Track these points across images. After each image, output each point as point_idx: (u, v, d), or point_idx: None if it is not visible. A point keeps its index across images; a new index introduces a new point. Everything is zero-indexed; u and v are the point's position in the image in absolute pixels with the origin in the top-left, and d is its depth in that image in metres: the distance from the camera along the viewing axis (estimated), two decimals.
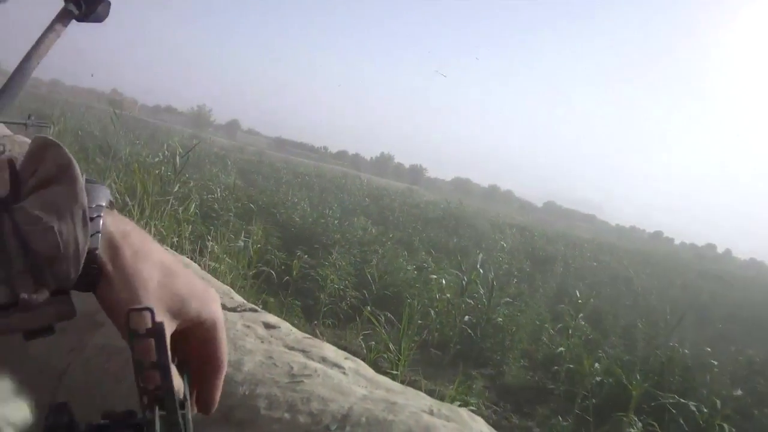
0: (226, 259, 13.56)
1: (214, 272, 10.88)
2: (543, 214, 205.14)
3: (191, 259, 8.97)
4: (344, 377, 1.89)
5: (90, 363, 2.30)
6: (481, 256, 22.75)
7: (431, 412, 1.65)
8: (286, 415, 1.62)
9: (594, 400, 15.00)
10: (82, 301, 0.85)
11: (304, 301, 18.06)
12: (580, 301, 20.50)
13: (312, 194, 43.52)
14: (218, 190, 25.24)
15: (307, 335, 2.27)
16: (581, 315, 19.99)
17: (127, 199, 11.82)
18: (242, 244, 16.23)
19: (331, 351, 2.14)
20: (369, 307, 17.07)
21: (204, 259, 11.88)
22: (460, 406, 7.63)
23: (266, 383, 1.76)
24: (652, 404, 14.49)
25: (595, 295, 28.11)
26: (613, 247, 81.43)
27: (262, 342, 2.08)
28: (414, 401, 1.73)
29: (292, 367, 1.86)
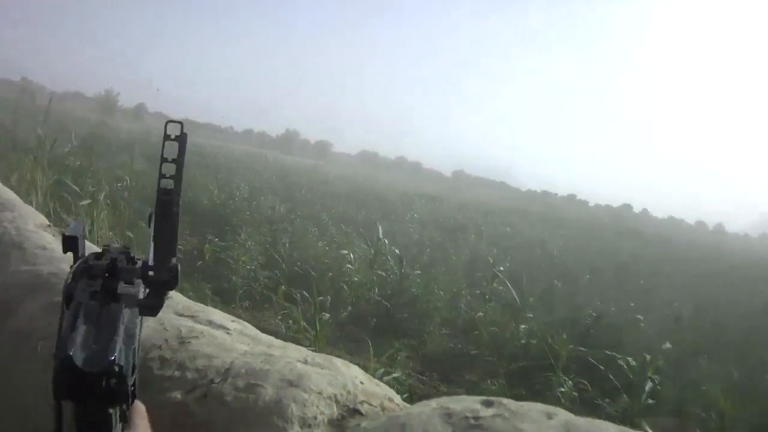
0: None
1: None
2: (453, 183, 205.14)
3: None
4: (228, 337, 2.01)
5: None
6: (380, 227, 22.70)
7: (305, 362, 1.77)
8: (176, 373, 1.73)
9: (521, 363, 15.19)
10: None
11: (218, 284, 17.90)
12: (493, 267, 20.65)
13: (219, 176, 43.28)
14: (128, 178, 24.97)
15: (197, 303, 2.38)
16: (497, 279, 20.12)
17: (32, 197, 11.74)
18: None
19: (218, 315, 2.26)
20: (283, 287, 17.12)
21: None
22: (383, 377, 7.73)
23: (158, 347, 1.88)
24: (581, 363, 14.71)
25: (509, 260, 28.41)
26: (525, 211, 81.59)
27: None
28: (291, 353, 1.86)
29: (181, 331, 1.97)
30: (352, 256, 20.80)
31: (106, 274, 1.47)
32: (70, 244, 1.51)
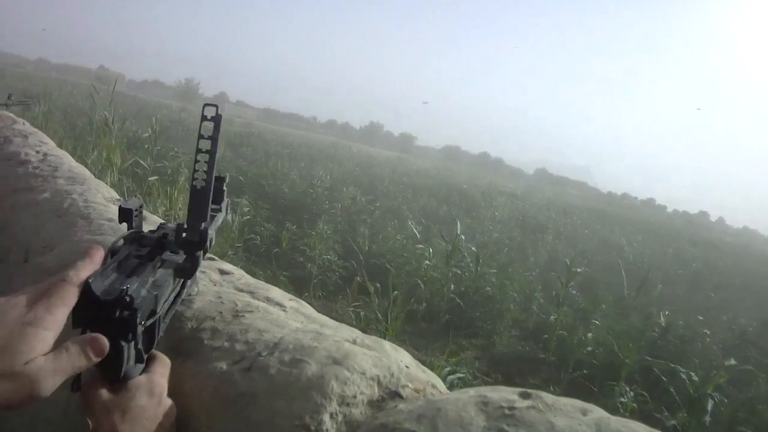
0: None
1: None
2: (534, 181, 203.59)
3: None
4: (283, 313, 2.05)
5: None
6: (459, 223, 22.57)
7: (354, 342, 1.80)
8: (226, 344, 1.78)
9: (585, 370, 15.10)
10: None
11: (293, 272, 18.05)
12: (571, 269, 20.55)
13: (301, 165, 43.28)
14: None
15: (259, 281, 2.43)
16: (572, 283, 19.95)
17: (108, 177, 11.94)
18: (229, 218, 16.35)
19: (277, 293, 2.30)
20: (358, 278, 17.16)
21: None
22: (449, 375, 7.75)
23: (212, 318, 1.93)
24: (644, 374, 14.56)
25: (586, 263, 28.20)
26: (604, 214, 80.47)
27: (215, 285, 2.24)
28: (342, 333, 1.89)
29: (236, 305, 2.02)
30: (430, 251, 20.71)
31: (156, 244, 1.70)
32: (125, 215, 1.70)
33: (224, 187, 2.08)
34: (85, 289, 1.32)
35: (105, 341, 1.32)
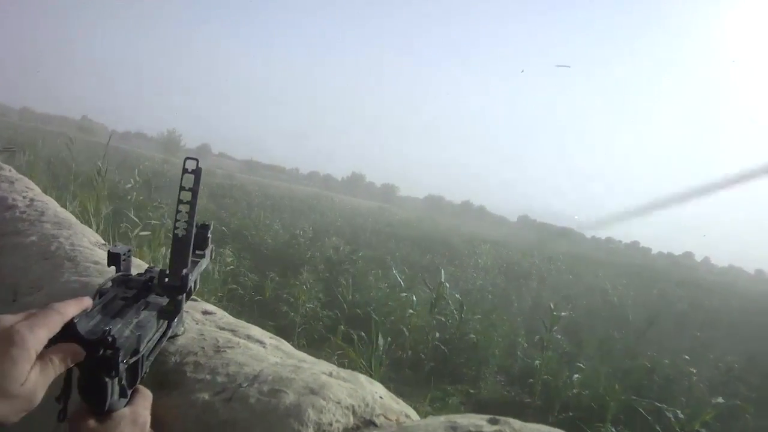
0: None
1: None
2: (517, 229, 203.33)
3: None
4: (263, 349, 2.15)
5: None
6: (443, 271, 22.60)
7: (330, 374, 1.90)
8: (207, 377, 1.88)
9: (571, 413, 15.13)
10: None
11: (278, 321, 17.98)
12: (554, 313, 20.52)
13: (284, 216, 43.48)
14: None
15: (240, 320, 2.53)
16: (556, 328, 19.93)
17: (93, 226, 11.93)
18: (211, 268, 16.38)
19: (257, 331, 2.40)
20: (342, 327, 17.21)
21: None
22: None
23: (195, 353, 2.02)
24: (630, 414, 14.59)
25: (570, 307, 28.20)
26: (589, 259, 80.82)
27: (197, 323, 2.34)
28: (319, 367, 1.99)
29: (218, 341, 2.12)
30: (414, 299, 20.72)
31: (142, 287, 1.84)
32: (113, 259, 1.87)
33: (209, 234, 2.19)
34: (71, 328, 1.41)
35: (80, 349, 1.42)
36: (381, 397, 1.83)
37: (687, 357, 21.07)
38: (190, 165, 1.75)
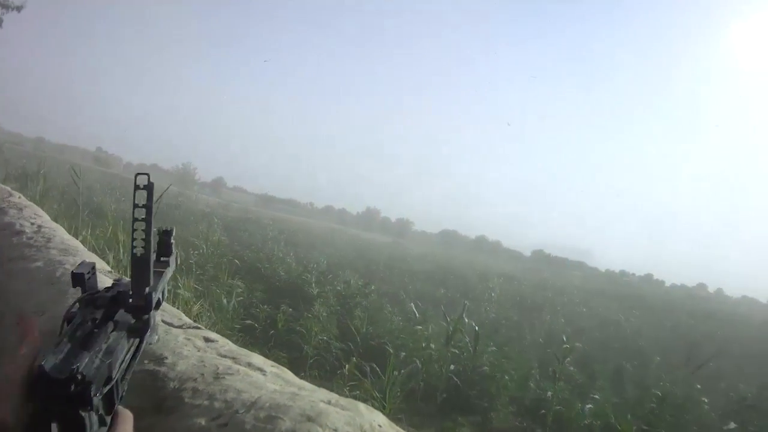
0: (210, 314, 13.73)
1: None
2: (532, 263, 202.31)
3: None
4: (263, 377, 2.15)
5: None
6: (466, 304, 22.59)
7: (329, 402, 1.90)
8: (205, 402, 1.88)
9: None
10: None
11: (290, 353, 17.97)
12: (566, 345, 20.39)
13: (298, 249, 43.49)
14: (204, 246, 25.45)
15: (241, 348, 2.53)
16: (568, 359, 19.86)
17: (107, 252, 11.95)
18: (225, 300, 16.46)
19: (258, 359, 2.40)
20: (354, 359, 17.18)
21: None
22: None
23: (194, 379, 2.03)
24: None
25: (583, 339, 28.12)
26: (603, 292, 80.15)
27: (198, 351, 2.34)
28: (318, 395, 1.99)
29: (218, 368, 2.12)
30: (429, 330, 20.71)
31: (110, 303, 1.70)
32: (77, 280, 1.71)
33: (171, 240, 2.10)
34: (39, 370, 1.35)
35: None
36: (380, 426, 1.84)
37: (699, 386, 21.01)
38: (142, 180, 1.66)
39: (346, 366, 16.80)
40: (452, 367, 19.04)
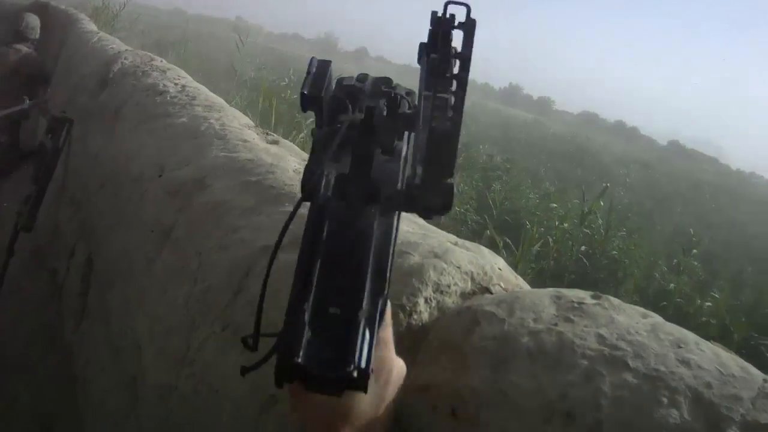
0: None
1: None
2: (666, 153, 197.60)
3: None
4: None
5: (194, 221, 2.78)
6: (607, 185, 22.21)
7: (455, 243, 2.07)
8: None
9: None
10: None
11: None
12: (694, 238, 20.22)
13: None
14: None
15: None
16: (694, 252, 19.71)
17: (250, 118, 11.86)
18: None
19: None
20: (488, 232, 17.22)
21: None
22: None
23: None
24: (752, 350, 14.28)
25: (709, 236, 27.72)
26: (732, 191, 77.65)
27: None
28: (446, 237, 2.16)
29: None
30: (563, 210, 20.64)
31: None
32: (309, 101, 1.35)
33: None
34: (296, 368, 0.86)
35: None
36: (500, 269, 2.03)
37: None
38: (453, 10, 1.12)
39: (483, 236, 16.93)
40: (583, 248, 19.00)
